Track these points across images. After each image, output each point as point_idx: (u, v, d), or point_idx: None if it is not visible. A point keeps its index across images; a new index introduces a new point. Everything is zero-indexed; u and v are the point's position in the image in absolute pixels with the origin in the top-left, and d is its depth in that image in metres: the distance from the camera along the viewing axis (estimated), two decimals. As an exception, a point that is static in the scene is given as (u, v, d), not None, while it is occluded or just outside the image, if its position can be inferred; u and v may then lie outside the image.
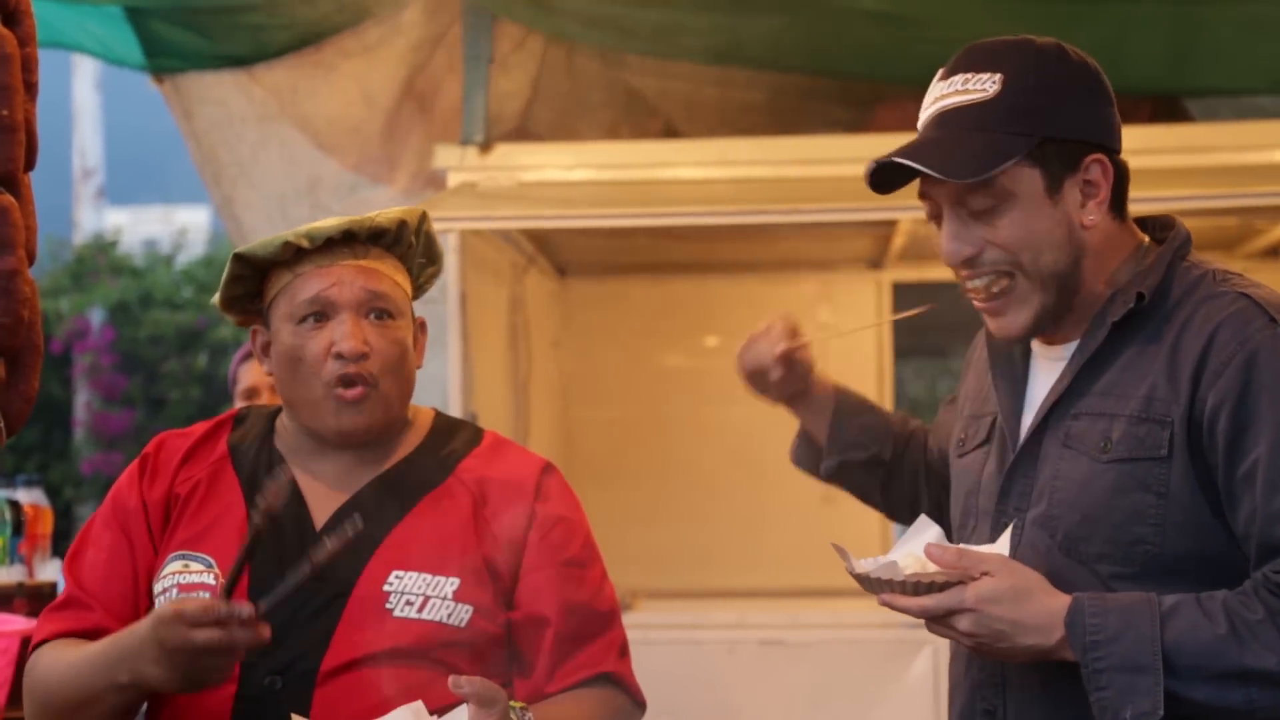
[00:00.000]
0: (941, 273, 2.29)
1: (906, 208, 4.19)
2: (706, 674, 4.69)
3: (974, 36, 2.11)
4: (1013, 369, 2.14)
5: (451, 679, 1.97)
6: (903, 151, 2.03)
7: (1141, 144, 4.49)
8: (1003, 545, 2.00)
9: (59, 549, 3.28)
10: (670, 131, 5.39)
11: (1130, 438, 1.99)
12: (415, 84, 5.16)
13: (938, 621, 1.96)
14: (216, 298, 2.30)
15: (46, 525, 3.53)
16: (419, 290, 2.35)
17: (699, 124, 5.35)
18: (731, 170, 4.80)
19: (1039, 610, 1.94)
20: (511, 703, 2.02)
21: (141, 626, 2.02)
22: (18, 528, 3.39)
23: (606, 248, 5.63)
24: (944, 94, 2.05)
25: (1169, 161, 4.50)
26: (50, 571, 3.41)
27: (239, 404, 4.26)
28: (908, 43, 4.69)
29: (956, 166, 1.99)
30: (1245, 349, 1.95)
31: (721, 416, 5.72)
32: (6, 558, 3.35)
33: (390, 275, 2.24)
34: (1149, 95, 4.95)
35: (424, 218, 2.30)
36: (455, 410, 4.50)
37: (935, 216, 2.09)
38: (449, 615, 2.13)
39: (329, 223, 2.23)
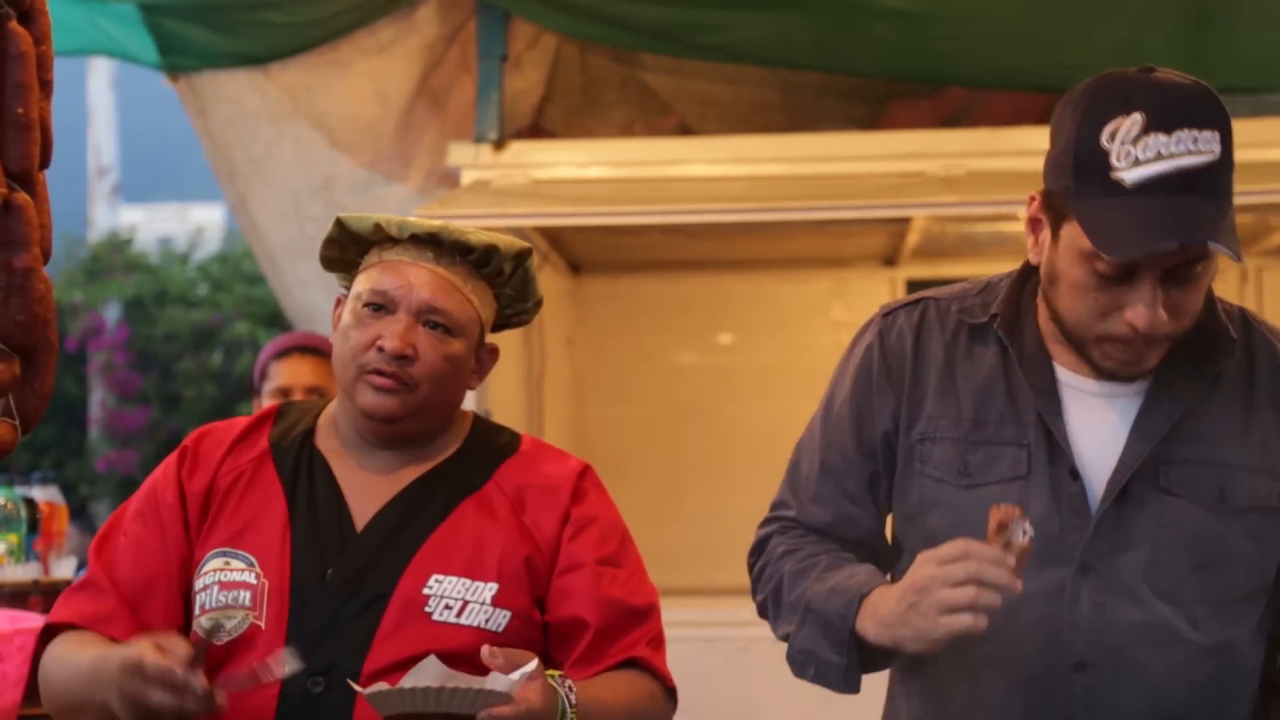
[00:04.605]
0: (955, 270, 2.27)
1: (920, 205, 4.19)
2: (721, 671, 4.68)
3: (988, 34, 2.08)
4: (1053, 402, 2.05)
5: (485, 650, 1.98)
6: (1185, 229, 1.85)
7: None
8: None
9: (74, 546, 3.28)
10: (684, 129, 5.39)
11: (1246, 489, 2.01)
12: (429, 82, 5.16)
13: None
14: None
15: (61, 523, 3.54)
16: (506, 323, 2.36)
17: (713, 121, 5.35)
18: (745, 167, 4.80)
19: None
20: (549, 672, 2.06)
21: (116, 659, 2.02)
22: (33, 525, 3.40)
23: (620, 245, 5.63)
24: (1176, 152, 1.87)
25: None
26: (65, 569, 3.41)
27: (267, 402, 4.13)
28: (922, 40, 4.67)
29: (1225, 239, 1.87)
30: None
31: (736, 413, 5.71)
32: (22, 555, 3.36)
33: (464, 292, 2.24)
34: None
35: (526, 255, 2.30)
36: (468, 407, 4.50)
37: (1113, 277, 1.92)
38: (487, 620, 2.15)
39: (423, 221, 2.25)
